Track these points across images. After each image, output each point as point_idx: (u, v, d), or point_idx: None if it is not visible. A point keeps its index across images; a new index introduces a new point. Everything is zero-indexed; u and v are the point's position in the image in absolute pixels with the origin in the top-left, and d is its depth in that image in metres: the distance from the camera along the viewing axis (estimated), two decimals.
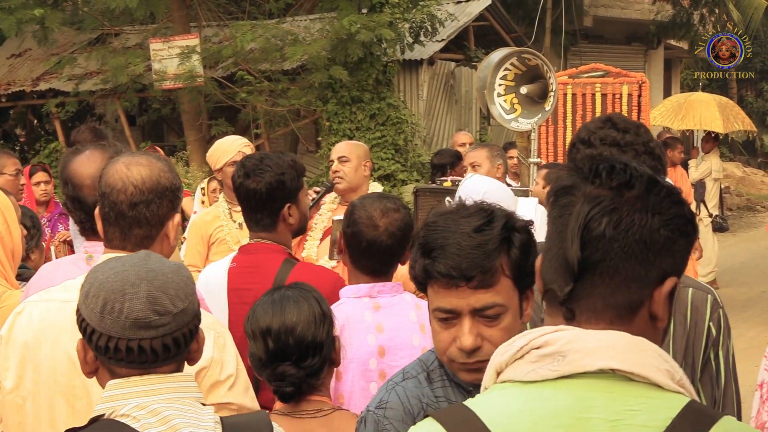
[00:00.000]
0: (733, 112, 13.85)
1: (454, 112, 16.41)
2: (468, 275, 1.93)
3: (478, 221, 1.99)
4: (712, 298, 2.29)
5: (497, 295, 1.97)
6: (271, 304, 2.54)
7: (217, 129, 14.08)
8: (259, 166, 3.36)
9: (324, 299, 2.62)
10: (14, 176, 6.31)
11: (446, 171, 8.45)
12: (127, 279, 1.85)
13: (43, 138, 17.75)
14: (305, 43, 13.18)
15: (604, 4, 20.78)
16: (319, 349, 2.47)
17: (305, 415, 2.46)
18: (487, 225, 1.98)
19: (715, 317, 2.28)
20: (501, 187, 4.59)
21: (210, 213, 5.53)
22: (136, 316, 1.82)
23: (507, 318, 1.99)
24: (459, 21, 15.84)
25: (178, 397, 1.89)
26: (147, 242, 2.50)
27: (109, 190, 2.47)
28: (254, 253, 3.37)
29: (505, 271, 1.98)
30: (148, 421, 1.82)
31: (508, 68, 6.83)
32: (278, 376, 2.45)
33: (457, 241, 1.95)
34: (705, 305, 2.27)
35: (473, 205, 2.05)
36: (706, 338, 2.26)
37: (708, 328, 2.26)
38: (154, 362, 1.87)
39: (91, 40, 16.60)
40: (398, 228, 3.06)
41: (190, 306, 1.90)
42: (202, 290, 3.46)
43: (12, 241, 3.66)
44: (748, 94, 27.67)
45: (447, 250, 1.95)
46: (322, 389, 2.55)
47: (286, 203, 3.38)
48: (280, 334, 2.46)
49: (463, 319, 1.97)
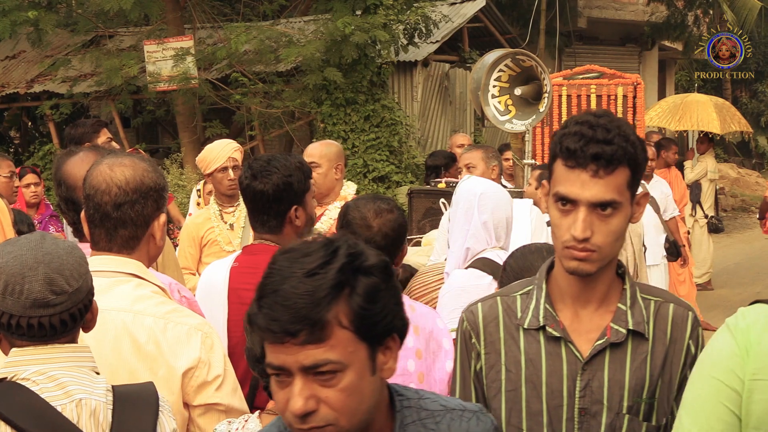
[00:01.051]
0: (729, 113, 13.89)
1: (448, 113, 16.41)
2: (290, 330, 1.63)
3: (313, 262, 1.66)
4: (693, 315, 2.24)
5: (331, 351, 1.64)
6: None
7: (211, 131, 14.07)
8: (267, 168, 3.34)
9: None
10: (8, 178, 6.31)
11: (440, 172, 8.46)
12: (26, 262, 2.03)
13: (37, 140, 17.71)
14: (299, 45, 13.17)
15: (598, 6, 20.81)
16: None
17: None
18: (322, 267, 1.66)
19: (695, 335, 2.23)
20: (497, 188, 4.53)
21: (201, 215, 5.57)
22: (35, 297, 2.02)
23: (347, 377, 1.66)
24: (453, 22, 15.84)
25: (74, 365, 2.09)
26: (133, 243, 2.50)
27: (93, 191, 2.47)
28: (257, 254, 3.35)
29: (343, 322, 1.65)
30: (46, 386, 2.02)
31: (502, 70, 6.83)
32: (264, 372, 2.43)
33: (287, 287, 1.64)
34: (686, 322, 2.22)
35: (317, 241, 1.72)
36: (685, 356, 2.20)
37: (688, 345, 2.21)
38: (53, 336, 2.07)
39: (86, 42, 16.58)
40: (392, 229, 3.05)
41: (84, 284, 2.10)
42: (204, 289, 3.45)
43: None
44: (742, 95, 27.70)
45: (273, 298, 1.65)
46: None
47: (293, 205, 3.37)
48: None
49: (295, 378, 1.67)
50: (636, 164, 2.12)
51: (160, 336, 2.41)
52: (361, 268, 1.69)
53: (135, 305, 2.44)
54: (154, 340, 2.40)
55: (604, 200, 2.07)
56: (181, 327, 2.45)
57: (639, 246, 4.94)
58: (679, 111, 13.51)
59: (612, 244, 2.12)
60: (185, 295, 2.99)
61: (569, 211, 2.10)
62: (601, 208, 2.08)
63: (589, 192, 2.07)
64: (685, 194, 11.44)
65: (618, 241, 2.14)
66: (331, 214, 5.03)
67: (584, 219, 2.07)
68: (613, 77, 8.66)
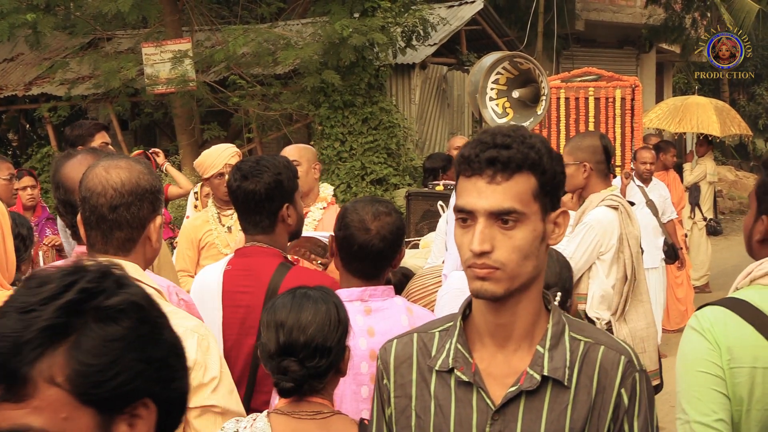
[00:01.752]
0: (729, 115, 13.92)
1: (446, 116, 16.42)
2: None
3: (39, 295, 1.25)
4: (627, 359, 1.93)
5: (33, 415, 1.22)
6: (291, 299, 2.55)
7: (209, 133, 14.08)
8: (257, 168, 3.35)
9: (344, 307, 2.60)
10: (8, 181, 6.29)
11: (438, 175, 8.46)
12: None
13: (35, 142, 17.72)
14: (297, 48, 13.18)
15: (596, 8, 20.84)
16: (327, 353, 2.47)
17: (304, 415, 2.46)
18: (44, 302, 1.24)
19: (629, 383, 1.92)
20: None
21: (199, 218, 5.60)
22: None
23: None
24: (451, 25, 15.85)
25: None
26: (129, 245, 2.51)
27: (89, 194, 2.47)
28: (250, 257, 3.35)
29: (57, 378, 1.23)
30: None
31: (500, 72, 6.83)
32: (282, 369, 2.45)
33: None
34: (616, 368, 1.92)
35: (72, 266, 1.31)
36: (615, 407, 1.91)
37: (618, 394, 1.92)
38: None
39: (84, 44, 16.59)
40: (390, 231, 3.06)
41: None
42: (198, 292, 3.45)
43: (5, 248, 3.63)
44: (740, 97, 27.74)
45: None
46: (325, 394, 2.54)
47: (285, 203, 3.37)
48: (293, 329, 2.46)
49: None
50: (543, 173, 1.88)
51: None
52: (96, 308, 1.26)
53: None
54: None
55: (503, 208, 1.84)
56: (177, 329, 2.45)
57: (636, 249, 4.94)
58: (679, 113, 13.54)
59: (519, 262, 1.86)
60: (183, 298, 2.99)
61: (469, 227, 1.88)
62: (501, 221, 1.85)
63: (485, 200, 1.85)
64: (683, 197, 11.45)
65: (528, 261, 1.88)
66: (314, 215, 5.08)
67: (482, 231, 1.85)
68: (611, 80, 8.66)
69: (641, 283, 4.96)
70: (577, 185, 5.04)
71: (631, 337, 4.85)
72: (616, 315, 4.89)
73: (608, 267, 4.89)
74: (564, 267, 2.74)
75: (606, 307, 4.92)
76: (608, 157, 5.07)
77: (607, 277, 4.89)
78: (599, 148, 5.00)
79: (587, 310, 4.95)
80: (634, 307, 4.92)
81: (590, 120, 8.16)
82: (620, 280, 4.87)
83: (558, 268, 2.72)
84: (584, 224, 4.89)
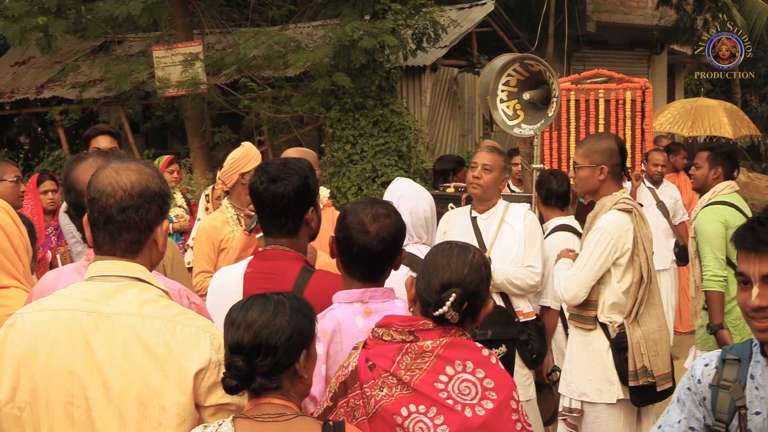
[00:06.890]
0: (739, 117, 13.88)
1: (457, 118, 16.40)
2: None
3: None
4: None
5: None
6: (248, 299, 2.53)
7: (220, 136, 14.09)
8: (284, 171, 3.32)
9: (307, 314, 2.52)
10: (14, 183, 6.31)
11: (449, 177, 8.45)
12: None
13: (47, 146, 17.78)
14: (308, 50, 13.17)
15: (606, 10, 20.79)
16: (272, 351, 2.42)
17: (267, 418, 2.43)
18: None
19: None
20: (417, 191, 4.84)
21: (218, 219, 5.47)
22: None
23: None
24: (462, 27, 15.84)
25: None
26: (136, 247, 2.51)
27: (99, 194, 2.47)
28: (272, 260, 3.33)
29: None
30: None
31: (510, 74, 6.82)
32: (227, 366, 2.42)
33: None
34: None
35: None
36: None
37: None
38: None
39: (95, 47, 16.64)
40: (389, 233, 3.05)
41: None
42: (215, 293, 3.44)
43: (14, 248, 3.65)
44: (752, 98, 27.64)
45: None
46: (289, 396, 2.50)
47: (310, 206, 3.36)
48: (240, 327, 2.44)
49: None
50: None
51: (170, 338, 2.42)
52: None
53: (142, 309, 2.44)
54: (165, 343, 2.41)
55: None
56: (189, 329, 2.46)
57: (650, 251, 4.92)
58: (690, 116, 13.50)
59: None
60: (194, 301, 2.99)
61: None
62: None
63: None
64: (694, 198, 11.39)
65: None
66: None
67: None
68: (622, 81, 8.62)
69: (654, 286, 4.94)
70: (591, 188, 5.01)
71: (644, 339, 4.83)
72: (630, 318, 4.86)
73: (622, 271, 4.87)
74: (474, 269, 2.71)
75: (618, 312, 4.90)
76: (623, 160, 5.05)
77: (619, 282, 4.87)
78: (616, 150, 4.98)
79: (598, 315, 4.93)
80: (647, 310, 4.89)
81: (600, 122, 8.12)
82: (636, 283, 4.85)
83: (466, 270, 2.70)
84: (598, 229, 4.87)
